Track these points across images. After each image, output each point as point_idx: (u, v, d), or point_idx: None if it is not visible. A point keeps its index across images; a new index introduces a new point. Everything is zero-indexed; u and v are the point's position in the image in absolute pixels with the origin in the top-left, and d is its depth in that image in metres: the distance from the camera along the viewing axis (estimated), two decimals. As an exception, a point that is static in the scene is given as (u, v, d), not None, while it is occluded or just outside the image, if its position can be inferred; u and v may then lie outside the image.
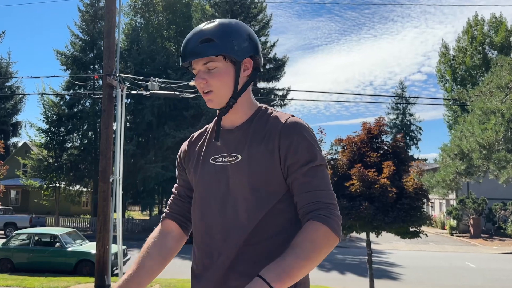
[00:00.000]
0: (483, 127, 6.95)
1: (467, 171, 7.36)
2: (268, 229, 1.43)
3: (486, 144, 6.85)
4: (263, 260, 1.37)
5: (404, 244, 21.78)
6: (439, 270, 15.44)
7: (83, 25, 30.64)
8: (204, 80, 1.47)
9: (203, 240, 1.50)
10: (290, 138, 1.44)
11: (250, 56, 1.52)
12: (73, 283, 10.83)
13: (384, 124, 11.04)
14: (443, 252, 21.61)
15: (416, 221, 10.00)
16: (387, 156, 10.30)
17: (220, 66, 1.47)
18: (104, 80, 10.40)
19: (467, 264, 17.29)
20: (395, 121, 45.30)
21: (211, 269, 1.45)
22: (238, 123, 1.55)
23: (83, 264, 12.70)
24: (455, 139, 7.72)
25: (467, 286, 12.13)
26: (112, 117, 10.61)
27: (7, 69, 43.36)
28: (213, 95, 1.49)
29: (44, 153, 29.70)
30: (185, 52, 1.49)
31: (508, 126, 6.64)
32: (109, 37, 10.80)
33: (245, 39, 1.50)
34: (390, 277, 13.68)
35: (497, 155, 6.81)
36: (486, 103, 7.25)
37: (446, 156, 7.77)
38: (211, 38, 1.45)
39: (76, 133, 30.64)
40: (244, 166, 1.45)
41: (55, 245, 13.27)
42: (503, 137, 6.71)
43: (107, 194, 10.21)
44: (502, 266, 16.85)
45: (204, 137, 1.63)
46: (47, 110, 29.57)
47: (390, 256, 18.96)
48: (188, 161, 1.64)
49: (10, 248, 13.27)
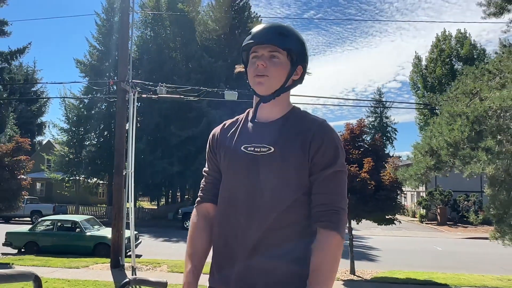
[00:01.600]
0: (450, 127, 6.95)
1: (436, 166, 7.37)
2: (289, 217, 1.41)
3: (452, 143, 6.86)
4: (283, 244, 1.38)
5: (380, 230, 21.80)
6: (410, 253, 15.49)
7: (100, 37, 30.51)
8: (265, 64, 1.45)
9: (229, 222, 1.47)
10: (321, 140, 1.43)
11: (302, 65, 1.53)
12: (91, 263, 10.79)
13: (364, 125, 11.05)
14: (414, 237, 21.69)
15: (391, 210, 10.03)
16: (367, 153, 10.30)
17: (282, 59, 1.47)
18: (118, 85, 10.35)
19: (435, 248, 17.37)
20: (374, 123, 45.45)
21: (236, 249, 1.43)
22: (274, 118, 1.51)
23: (100, 247, 12.64)
24: (425, 138, 7.73)
25: (435, 266, 12.18)
26: (125, 118, 10.56)
27: (33, 76, 43.14)
28: (266, 80, 1.46)
29: (65, 150, 29.69)
30: (260, 35, 1.46)
31: (472, 127, 6.65)
32: (123, 48, 10.75)
33: (306, 52, 1.53)
34: (368, 259, 13.71)
35: (462, 152, 6.82)
36: (453, 107, 7.26)
37: (418, 153, 7.78)
38: (287, 35, 1.46)
39: (94, 132, 30.59)
40: (277, 158, 1.42)
41: (75, 230, 13.23)
42: (467, 137, 6.72)
43: (120, 186, 10.18)
44: (465, 249, 16.94)
45: (236, 126, 1.58)
46: (68, 112, 29.50)
47: (368, 241, 19.00)
48: (219, 146, 1.58)
49: (36, 233, 13.20)
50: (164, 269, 10.25)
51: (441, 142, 7.03)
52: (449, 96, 8.10)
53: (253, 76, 1.47)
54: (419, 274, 10.39)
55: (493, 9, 7.14)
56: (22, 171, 11.81)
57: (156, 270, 10.21)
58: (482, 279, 10.06)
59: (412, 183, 8.15)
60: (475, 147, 6.64)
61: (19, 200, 11.73)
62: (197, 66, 28.34)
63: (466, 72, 8.22)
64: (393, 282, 9.38)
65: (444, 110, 7.59)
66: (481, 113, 6.50)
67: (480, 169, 6.92)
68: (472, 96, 7.40)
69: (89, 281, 8.63)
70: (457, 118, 6.83)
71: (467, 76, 8.07)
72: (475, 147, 6.64)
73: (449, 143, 6.88)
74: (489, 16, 7.21)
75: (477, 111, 6.54)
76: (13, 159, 11.65)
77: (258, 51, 1.47)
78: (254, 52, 1.48)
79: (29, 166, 12.14)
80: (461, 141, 6.75)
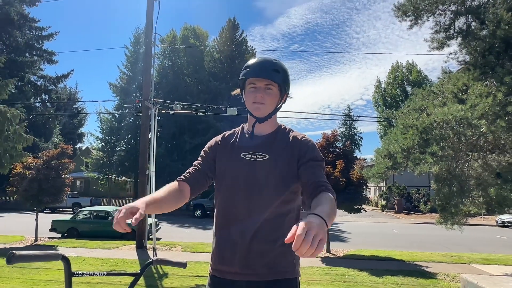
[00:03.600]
0: (404, 136, 6.99)
1: (393, 167, 7.39)
2: (281, 210, 1.41)
3: (406, 148, 6.89)
4: (275, 231, 1.38)
5: (350, 217, 21.83)
6: (374, 235, 15.51)
7: (128, 65, 30.41)
8: (263, 95, 1.46)
9: (231, 215, 1.43)
10: (305, 147, 1.47)
11: (287, 92, 1.54)
12: (120, 244, 10.68)
13: (337, 134, 11.09)
14: (377, 222, 21.73)
15: (358, 201, 10.05)
16: (339, 157, 10.33)
17: (274, 91, 1.48)
18: (143, 103, 10.32)
19: (393, 231, 17.40)
20: (345, 132, 45.20)
21: (238, 237, 1.40)
22: (266, 132, 1.53)
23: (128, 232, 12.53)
24: (385, 144, 7.75)
25: (393, 245, 12.19)
26: (148, 129, 10.53)
27: (74, 96, 42.87)
28: (263, 107, 1.47)
29: (100, 154, 29.48)
30: (258, 70, 1.45)
31: (421, 136, 6.68)
32: (147, 74, 10.74)
33: (289, 82, 1.54)
34: (340, 240, 13.70)
35: (413, 156, 6.85)
36: (406, 120, 7.30)
37: (379, 156, 7.79)
38: (279, 71, 1.46)
39: (123, 140, 30.37)
40: (271, 163, 1.43)
41: (108, 218, 13.10)
42: (417, 144, 6.75)
43: (144, 183, 10.12)
44: (417, 232, 16.98)
45: (235, 137, 1.57)
46: (102, 124, 29.36)
47: (341, 226, 19.00)
48: (219, 151, 1.55)
49: (76, 221, 13.06)
50: (179, 249, 10.17)
51: (397, 147, 7.06)
52: (402, 112, 8.14)
53: (252, 102, 1.47)
54: (381, 252, 10.40)
55: (436, 44, 7.21)
56: (65, 171, 11.71)
57: (173, 250, 10.13)
58: (430, 255, 10.08)
59: (375, 180, 8.16)
60: (423, 151, 6.68)
61: (63, 194, 11.60)
62: (205, 88, 28.37)
63: (416, 93, 8.28)
64: (360, 259, 9.37)
65: (399, 122, 7.64)
66: (428, 125, 6.54)
67: (427, 169, 6.96)
68: (420, 112, 7.45)
69: (119, 259, 8.55)
70: (409, 129, 6.86)
71: (417, 96, 8.13)
72: (423, 151, 6.68)
73: (403, 148, 6.92)
74: (433, 50, 7.27)
75: (425, 123, 6.58)
76: (58, 161, 11.57)
77: (255, 83, 1.47)
78: (252, 84, 1.48)
79: (71, 167, 12.05)
80: (412, 147, 6.79)
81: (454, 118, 6.07)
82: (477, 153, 7.26)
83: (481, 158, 7.36)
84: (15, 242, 11.10)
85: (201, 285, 6.29)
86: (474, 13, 6.83)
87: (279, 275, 1.37)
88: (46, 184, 10.93)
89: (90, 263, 7.98)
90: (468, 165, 7.42)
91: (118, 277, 6.42)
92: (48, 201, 11.20)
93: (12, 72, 27.00)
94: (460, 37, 6.85)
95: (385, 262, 8.90)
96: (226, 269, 1.41)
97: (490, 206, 6.98)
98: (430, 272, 7.97)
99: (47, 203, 11.30)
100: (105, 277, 6.24)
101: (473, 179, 7.22)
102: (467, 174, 7.35)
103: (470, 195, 7.34)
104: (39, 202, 11.16)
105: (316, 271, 7.68)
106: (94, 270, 3.53)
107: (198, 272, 7.18)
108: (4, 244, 10.50)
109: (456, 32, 7.02)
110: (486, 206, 7.12)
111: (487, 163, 7.22)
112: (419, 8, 7.11)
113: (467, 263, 9.10)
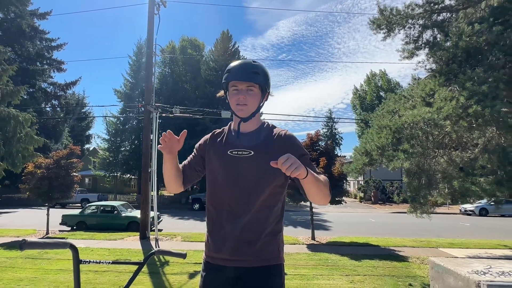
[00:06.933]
0: (379, 136, 7.04)
1: (370, 163, 7.43)
2: (268, 202, 1.39)
3: (380, 146, 6.94)
4: (262, 222, 1.38)
5: (332, 208, 21.98)
6: (353, 223, 15.62)
7: (131, 73, 30.06)
8: (245, 97, 1.42)
9: (222, 209, 1.41)
10: (290, 141, 1.45)
11: (268, 91, 1.50)
12: (125, 236, 10.55)
13: (320, 134, 11.14)
14: (356, 212, 21.89)
15: (339, 194, 10.10)
16: (322, 154, 10.38)
17: (256, 91, 1.44)
18: (145, 108, 10.21)
19: (370, 220, 17.55)
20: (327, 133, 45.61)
21: (232, 227, 1.38)
22: (251, 129, 1.49)
23: (132, 224, 12.39)
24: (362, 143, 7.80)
25: (370, 233, 12.31)
26: (150, 131, 10.42)
27: (82, 101, 42.14)
28: (245, 107, 1.43)
29: (106, 154, 29.10)
30: (239, 73, 1.41)
31: (394, 135, 6.73)
32: (148, 81, 10.63)
33: (269, 82, 1.49)
34: (324, 228, 13.78)
35: (387, 153, 6.92)
36: (380, 121, 7.35)
37: (357, 154, 7.84)
38: (259, 72, 1.42)
39: (127, 141, 30.01)
40: (256, 158, 1.40)
41: (114, 212, 12.93)
42: (390, 142, 6.81)
43: (147, 180, 10.01)
44: (391, 221, 17.17)
45: (223, 136, 1.54)
46: (108, 127, 28.99)
47: (324, 216, 19.10)
48: (209, 148, 1.54)
49: (85, 215, 12.85)
50: (179, 240, 10.10)
51: (373, 146, 7.11)
52: (377, 114, 8.22)
53: (236, 104, 1.44)
54: (359, 239, 10.48)
55: (407, 54, 7.30)
56: (74, 170, 11.52)
57: (173, 240, 10.05)
58: (402, 241, 10.21)
59: (353, 174, 8.21)
60: (396, 149, 6.75)
61: (72, 191, 11.41)
62: (202, 94, 28.19)
63: (389, 97, 8.37)
64: (341, 245, 9.43)
65: (374, 123, 7.70)
66: (400, 125, 6.61)
67: (399, 164, 7.05)
68: (393, 114, 7.53)
69: (124, 249, 8.45)
70: (383, 129, 6.92)
71: (390, 100, 8.22)
72: (396, 149, 6.75)
73: (378, 146, 6.97)
74: (404, 59, 7.36)
75: (397, 124, 6.65)
76: (68, 161, 11.39)
77: (237, 85, 1.43)
78: (234, 86, 1.44)
79: (79, 166, 11.86)
80: (386, 145, 6.85)
81: (422, 119, 6.15)
82: (443, 150, 7.38)
83: (446, 155, 7.49)
84: (28, 235, 10.88)
85: (199, 271, 6.25)
86: (440, 26, 6.95)
87: (265, 262, 1.37)
88: (56, 181, 10.75)
89: (98, 253, 7.87)
90: (435, 161, 7.54)
91: (123, 265, 6.34)
92: (58, 197, 11.01)
93: (24, 79, 26.45)
94: (428, 48, 6.95)
95: (363, 248, 8.98)
96: (217, 256, 1.40)
97: (454, 197, 7.10)
98: (403, 255, 8.07)
99: (58, 199, 11.11)
100: (111, 265, 6.16)
101: (439, 173, 7.34)
102: (434, 168, 7.47)
103: (437, 187, 7.46)
104: (50, 198, 10.96)
105: (302, 256, 7.71)
106: (101, 259, 3.49)
107: (196, 260, 7.14)
108: (18, 237, 10.29)
109: (424, 43, 7.13)
110: (451, 196, 7.25)
111: (452, 159, 7.35)
112: (391, 22, 7.19)
113: (434, 247, 9.24)
